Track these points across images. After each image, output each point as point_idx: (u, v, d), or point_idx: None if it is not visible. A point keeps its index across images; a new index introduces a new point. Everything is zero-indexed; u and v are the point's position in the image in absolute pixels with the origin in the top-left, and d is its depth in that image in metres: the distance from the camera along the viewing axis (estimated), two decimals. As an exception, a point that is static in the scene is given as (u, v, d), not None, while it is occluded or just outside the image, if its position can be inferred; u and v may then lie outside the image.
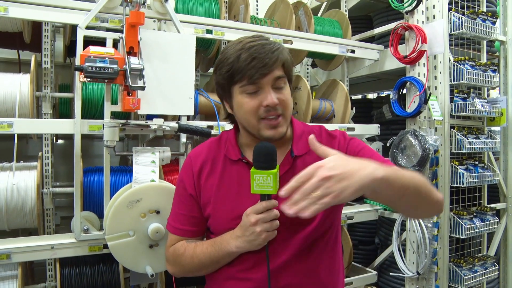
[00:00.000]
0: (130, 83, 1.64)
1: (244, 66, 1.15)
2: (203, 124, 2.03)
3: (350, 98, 2.72)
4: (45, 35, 2.12)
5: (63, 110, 2.35)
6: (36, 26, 2.18)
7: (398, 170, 1.01)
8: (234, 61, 1.17)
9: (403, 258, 2.50)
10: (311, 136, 1.07)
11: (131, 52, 1.72)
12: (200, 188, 1.31)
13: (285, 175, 1.21)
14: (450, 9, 2.50)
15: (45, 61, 2.12)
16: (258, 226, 1.13)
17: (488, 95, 3.03)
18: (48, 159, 2.10)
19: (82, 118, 1.78)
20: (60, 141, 2.76)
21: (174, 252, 1.33)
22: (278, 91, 1.20)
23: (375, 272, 2.68)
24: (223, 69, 1.21)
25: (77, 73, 1.71)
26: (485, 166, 2.69)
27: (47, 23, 2.11)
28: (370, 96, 4.92)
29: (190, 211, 1.33)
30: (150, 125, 1.83)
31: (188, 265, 1.30)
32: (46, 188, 2.05)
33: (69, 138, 2.67)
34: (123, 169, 2.10)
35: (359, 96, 4.62)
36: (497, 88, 2.99)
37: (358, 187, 0.90)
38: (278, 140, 1.24)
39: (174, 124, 1.86)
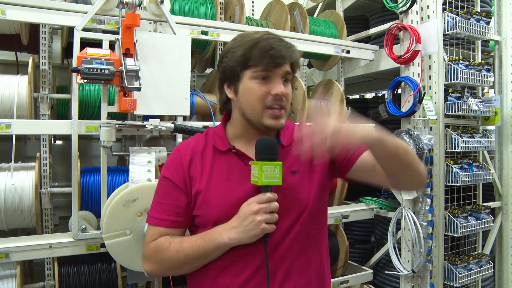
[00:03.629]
0: (126, 84, 1.66)
1: (262, 53, 1.21)
2: (199, 124, 2.05)
3: (347, 98, 2.74)
4: (42, 37, 2.14)
5: (61, 111, 2.37)
6: (34, 28, 2.20)
7: (391, 136, 1.16)
8: (251, 47, 1.22)
9: (399, 256, 2.52)
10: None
11: (127, 53, 1.75)
12: (191, 179, 1.30)
13: None
14: (444, 9, 2.53)
15: (42, 62, 2.14)
16: (259, 216, 1.15)
17: (483, 95, 3.06)
18: (46, 160, 2.11)
19: (79, 119, 1.81)
20: (58, 142, 2.78)
21: (157, 247, 1.28)
22: (284, 84, 1.26)
23: (371, 271, 2.71)
24: (238, 53, 1.25)
25: (74, 74, 1.74)
26: (480, 165, 2.71)
27: (45, 25, 2.13)
28: (368, 95, 4.94)
29: (175, 201, 1.30)
30: (146, 126, 1.86)
31: (172, 260, 1.25)
32: (44, 188, 2.06)
33: (67, 138, 2.69)
34: (120, 169, 2.12)
35: (357, 96, 4.64)
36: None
37: (360, 139, 1.09)
38: (274, 130, 1.30)
39: (170, 125, 1.88)
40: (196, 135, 1.42)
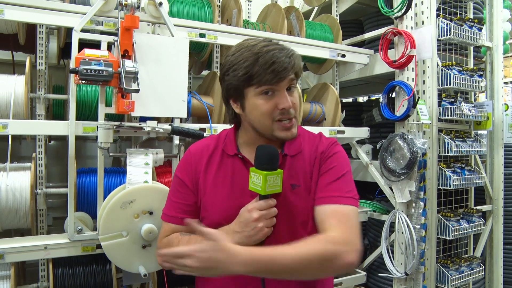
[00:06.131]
0: (124, 86, 1.66)
1: (263, 70, 1.19)
2: (195, 126, 2.06)
3: (341, 101, 2.76)
4: (39, 37, 2.13)
5: (56, 111, 2.36)
6: (31, 28, 2.19)
7: (274, 260, 1.06)
8: (251, 64, 1.21)
9: (392, 259, 2.54)
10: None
11: (126, 55, 1.75)
12: (198, 180, 1.35)
13: None
14: (438, 16, 2.57)
15: (39, 62, 2.13)
16: (261, 222, 1.20)
17: (475, 100, 3.10)
18: (41, 160, 2.10)
19: (76, 119, 1.80)
20: (52, 142, 2.77)
21: (168, 244, 1.32)
22: (290, 94, 1.27)
23: (364, 273, 2.72)
24: (239, 72, 1.23)
25: (71, 75, 1.73)
26: (472, 169, 2.75)
27: (42, 25, 2.12)
28: (361, 99, 4.98)
29: (185, 200, 1.36)
30: (144, 127, 1.86)
31: None
32: (39, 189, 2.05)
33: (61, 139, 2.68)
34: (116, 170, 2.12)
35: (350, 99, 4.67)
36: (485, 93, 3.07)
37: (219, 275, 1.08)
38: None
39: (167, 126, 1.88)
40: (210, 137, 1.46)
